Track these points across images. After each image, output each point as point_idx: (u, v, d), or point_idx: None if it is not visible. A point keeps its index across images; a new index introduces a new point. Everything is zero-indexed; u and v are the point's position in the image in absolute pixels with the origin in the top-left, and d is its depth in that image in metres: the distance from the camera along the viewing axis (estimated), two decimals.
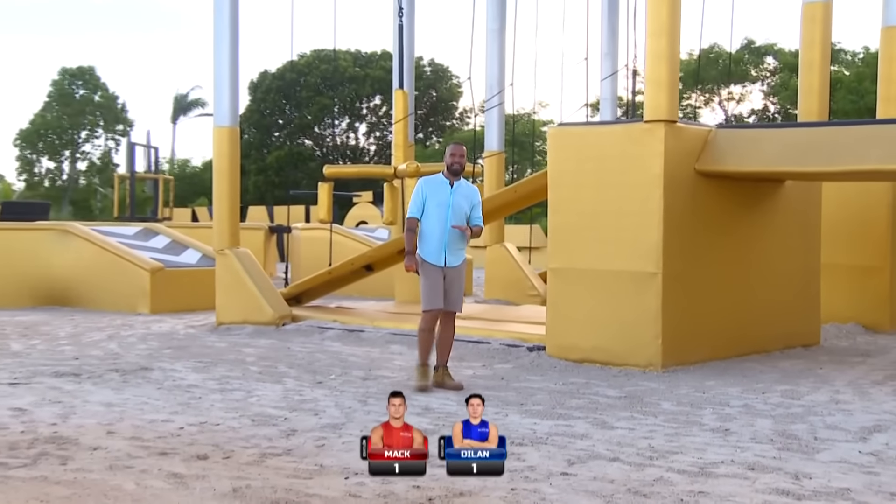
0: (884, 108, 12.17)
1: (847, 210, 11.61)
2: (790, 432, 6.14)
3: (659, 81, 8.78)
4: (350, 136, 54.78)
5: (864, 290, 11.82)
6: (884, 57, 12.26)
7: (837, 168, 8.47)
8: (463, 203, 7.79)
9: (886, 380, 8.40)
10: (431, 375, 7.88)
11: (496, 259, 15.47)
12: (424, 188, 7.84)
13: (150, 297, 14.38)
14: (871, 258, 11.80)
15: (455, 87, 53.58)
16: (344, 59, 51.76)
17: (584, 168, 9.20)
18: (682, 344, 8.91)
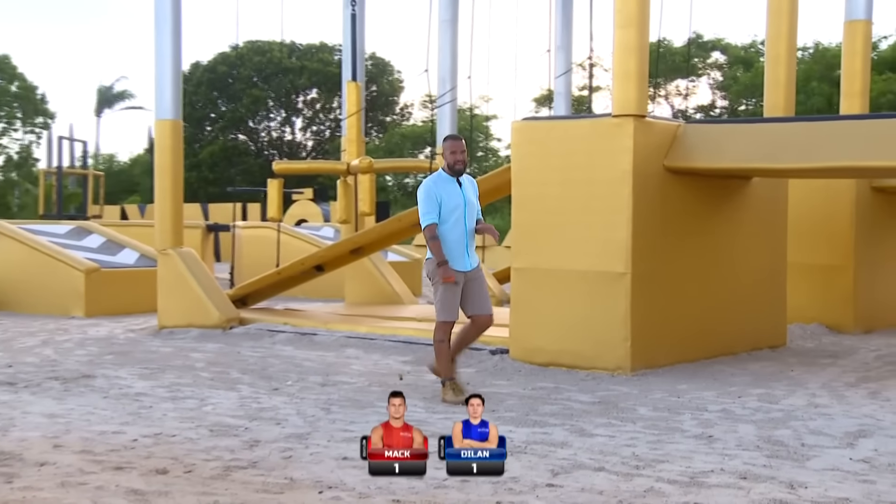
0: (847, 104, 12.30)
1: (810, 208, 11.70)
2: (775, 438, 6.10)
3: (628, 74, 8.72)
4: (286, 130, 54.28)
5: (827, 289, 11.92)
6: (847, 51, 12.40)
7: (812, 165, 8.48)
8: (473, 198, 7.50)
9: (859, 382, 8.43)
10: (464, 387, 7.49)
11: None
12: (436, 190, 7.34)
13: (85, 299, 13.99)
14: (834, 257, 11.89)
15: (397, 81, 53.38)
16: (279, 51, 51.25)
17: (550, 164, 9.11)
18: (650, 346, 8.87)
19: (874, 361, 9.69)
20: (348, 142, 13.55)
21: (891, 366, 9.41)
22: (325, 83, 51.54)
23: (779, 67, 10.57)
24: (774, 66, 10.60)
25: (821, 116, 11.46)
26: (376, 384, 8.23)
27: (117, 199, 46.81)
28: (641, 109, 8.74)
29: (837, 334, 11.76)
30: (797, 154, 8.49)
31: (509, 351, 9.38)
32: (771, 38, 10.65)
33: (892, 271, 12.74)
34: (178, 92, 11.93)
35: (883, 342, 11.15)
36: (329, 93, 52.23)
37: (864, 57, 12.23)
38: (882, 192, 12.41)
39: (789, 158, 8.56)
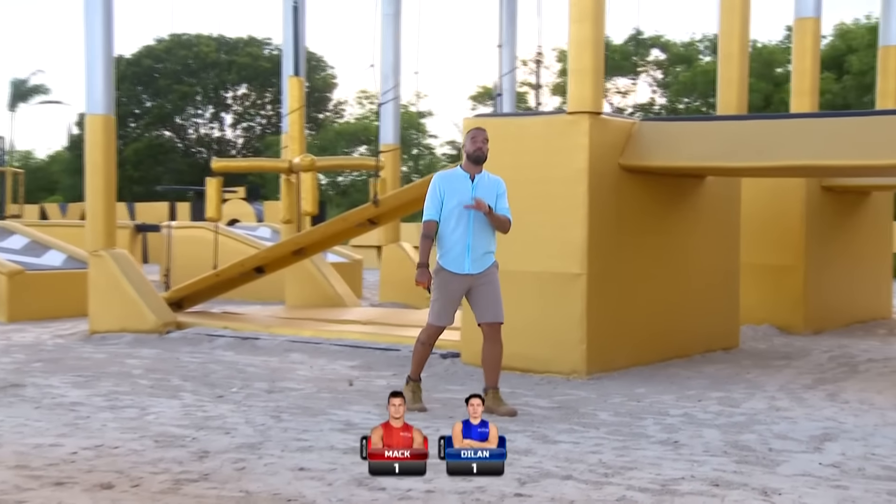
0: (797, 102, 12.45)
1: (760, 207, 11.81)
2: (742, 443, 6.11)
3: (583, 70, 8.70)
4: (215, 127, 53.62)
5: (777, 290, 12.05)
6: (797, 49, 12.55)
7: (770, 163, 8.55)
8: (488, 198, 7.01)
9: (816, 384, 8.52)
10: (422, 394, 7.28)
11: (392, 259, 15.24)
12: (441, 184, 7.01)
13: (8, 303, 13.60)
14: (784, 257, 12.04)
15: (329, 77, 53.04)
16: (206, 45, 50.59)
17: (503, 162, 9.01)
18: (606, 349, 8.87)
19: (828, 363, 9.80)
20: (290, 139, 13.37)
21: (844, 367, 9.53)
22: (255, 78, 51.03)
23: (731, 65, 10.65)
24: (727, 63, 10.68)
25: (778, 115, 11.60)
26: (325, 390, 8.09)
27: (36, 197, 45.77)
28: (597, 106, 8.73)
29: (788, 335, 11.90)
30: (755, 153, 8.54)
31: (461, 355, 9.32)
32: (724, 36, 10.73)
33: (841, 271, 12.94)
34: (110, 85, 11.65)
35: (834, 343, 11.31)
36: (260, 88, 51.73)
37: (814, 55, 12.40)
38: (831, 192, 12.60)
39: (747, 157, 8.61)
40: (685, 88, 36.75)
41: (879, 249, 14.26)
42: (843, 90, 31.95)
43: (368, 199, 11.23)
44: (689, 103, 37.19)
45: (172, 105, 50.64)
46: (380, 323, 11.38)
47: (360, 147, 44.82)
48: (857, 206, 13.41)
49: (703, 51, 39.62)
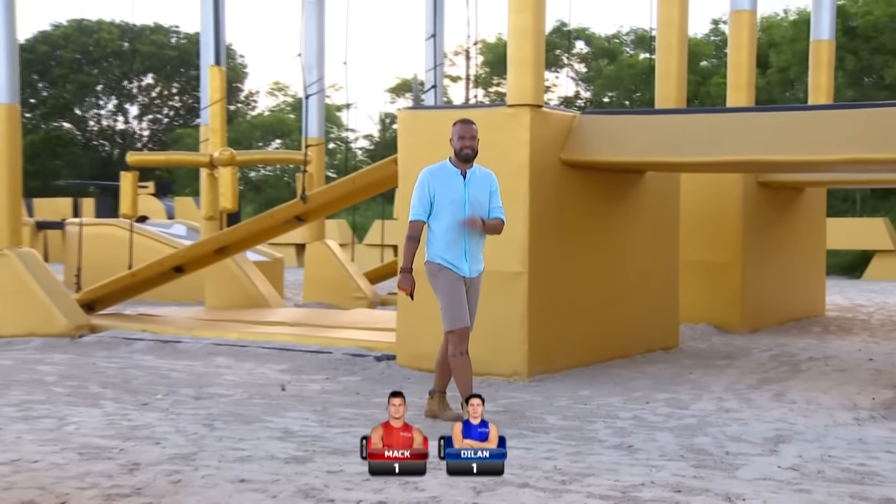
0: (734, 96, 12.62)
1: (697, 203, 11.91)
2: (697, 447, 6.13)
3: (523, 61, 8.67)
4: (119, 119, 52.54)
5: (714, 288, 12.20)
6: (733, 43, 12.71)
7: (715, 158, 8.61)
8: (481, 195, 6.72)
9: (761, 384, 8.62)
10: (450, 405, 7.02)
11: (316, 258, 15.08)
12: (431, 182, 6.69)
13: None
14: (721, 254, 12.18)
15: (240, 66, 52.36)
16: (108, 32, 49.53)
17: (440, 156, 8.79)
18: (548, 350, 8.86)
19: (770, 362, 9.94)
20: (211, 131, 13.11)
21: (786, 366, 9.68)
22: (161, 68, 50.14)
23: (670, 56, 10.73)
24: (666, 55, 10.75)
25: (722, 108, 11.71)
26: (257, 396, 7.94)
27: None
28: (538, 99, 8.71)
29: (726, 334, 12.06)
30: (700, 147, 8.61)
31: (396, 357, 9.23)
32: (662, 27, 10.80)
33: (777, 269, 13.15)
34: (14, 73, 11.32)
35: (772, 342, 11.48)
36: (167, 79, 50.85)
37: (750, 48, 12.57)
38: (767, 188, 12.80)
39: (692, 151, 8.67)
40: (610, 82, 37.12)
41: (813, 246, 14.55)
42: (768, 85, 32.55)
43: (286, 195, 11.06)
44: (614, 98, 37.57)
45: (71, 95, 49.44)
46: (308, 324, 11.23)
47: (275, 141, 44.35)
48: (792, 203, 13.65)
49: (628, 44, 40.07)
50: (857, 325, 13.52)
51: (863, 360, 10.08)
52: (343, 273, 14.80)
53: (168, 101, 51.87)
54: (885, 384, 8.67)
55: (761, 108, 9.69)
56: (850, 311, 15.64)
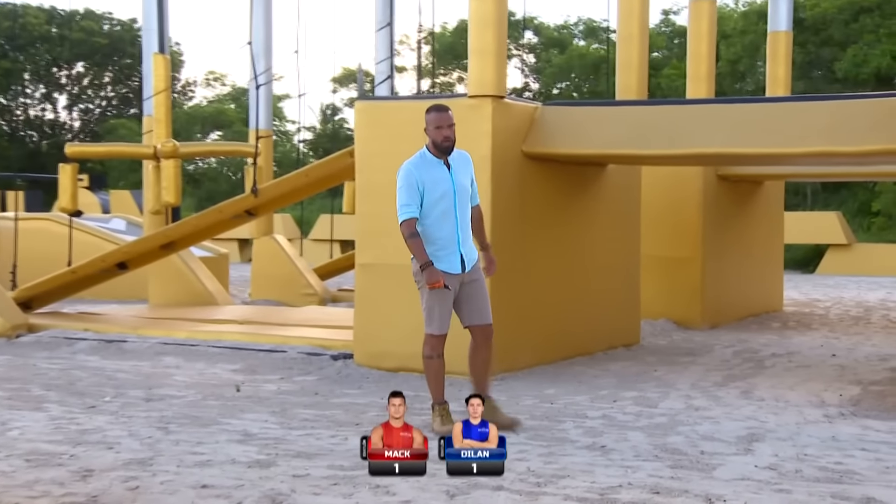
0: (693, 88, 12.68)
1: (656, 197, 11.95)
2: (670, 446, 6.13)
3: (485, 51, 8.62)
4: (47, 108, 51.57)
5: (674, 283, 12.25)
6: (692, 33, 12.77)
7: (681, 151, 8.64)
8: (465, 182, 6.50)
9: (727, 381, 8.67)
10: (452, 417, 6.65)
11: (264, 253, 14.92)
12: (419, 176, 6.38)
13: None
14: (681, 249, 12.24)
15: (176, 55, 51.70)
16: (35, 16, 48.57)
17: (399, 149, 8.84)
18: (511, 348, 8.82)
19: (733, 358, 10.01)
20: (156, 122, 12.89)
21: (750, 363, 9.74)
22: (91, 56, 49.29)
23: (631, 47, 10.74)
24: (627, 45, 10.77)
25: (689, 100, 11.75)
26: (211, 397, 7.81)
27: None
28: (500, 90, 8.67)
29: (686, 330, 12.12)
30: (665, 139, 8.62)
31: (353, 356, 9.15)
32: (622, 17, 10.81)
33: (736, 264, 13.26)
34: None
35: (734, 338, 11.57)
36: (98, 67, 50.02)
37: (710, 39, 12.65)
38: (726, 181, 12.88)
39: (657, 144, 8.68)
40: (560, 73, 37.23)
41: (771, 241, 14.69)
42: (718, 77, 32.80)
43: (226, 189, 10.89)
44: (564, 89, 37.69)
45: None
46: (259, 322, 11.10)
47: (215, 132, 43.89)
48: (751, 196, 13.77)
49: (578, 34, 40.23)
50: (815, 321, 13.68)
51: (826, 356, 10.18)
52: (292, 269, 14.66)
53: (100, 90, 51.03)
54: (850, 380, 8.76)
55: (727, 100, 9.71)
56: (807, 305, 15.82)
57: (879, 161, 9.53)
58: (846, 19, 31.39)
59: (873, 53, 30.23)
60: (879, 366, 9.61)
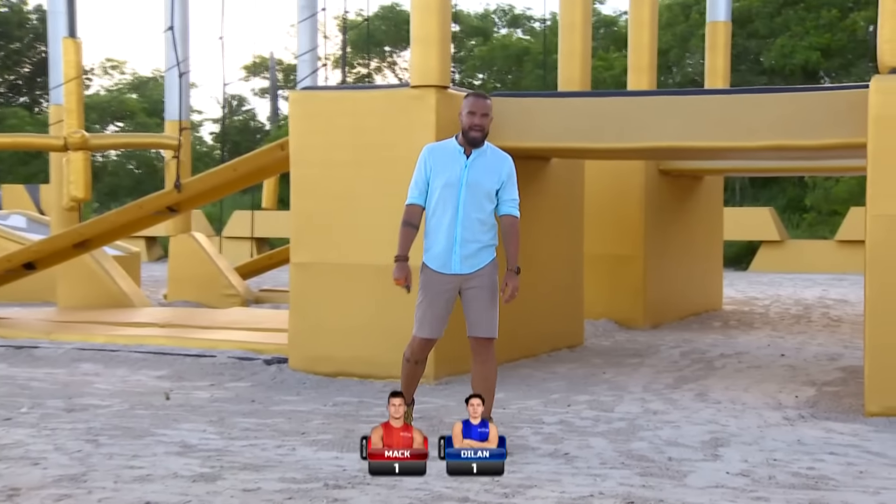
0: (635, 79, 12.73)
1: (597, 192, 11.95)
2: (635, 453, 6.11)
3: (428, 39, 8.54)
4: None
5: (616, 282, 12.28)
6: (634, 22, 12.82)
7: (631, 144, 8.64)
8: (484, 180, 6.08)
9: (679, 383, 8.70)
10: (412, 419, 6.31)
11: (182, 252, 14.61)
12: (429, 159, 6.12)
13: None
14: (623, 246, 12.28)
15: None
16: None
17: (337, 142, 8.79)
18: (455, 350, 8.70)
19: (682, 360, 10.06)
20: (66, 112, 12.53)
21: (700, 364, 9.80)
22: None
23: (574, 36, 10.73)
24: (569, 34, 10.75)
25: (639, 91, 11.78)
26: (140, 406, 7.59)
27: None
28: (444, 80, 8.59)
29: (628, 330, 12.17)
30: (616, 132, 8.61)
31: (288, 360, 8.99)
32: (564, 4, 10.80)
33: (678, 261, 13.36)
34: None
35: (678, 338, 11.64)
36: None
37: (651, 28, 12.70)
38: (667, 175, 12.97)
39: (608, 137, 8.67)
40: (482, 63, 37.27)
41: (711, 237, 14.84)
42: None
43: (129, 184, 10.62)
44: (486, 79, 37.76)
45: None
46: (182, 325, 10.85)
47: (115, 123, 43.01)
48: (691, 191, 13.89)
49: (500, 23, 40.33)
50: (756, 319, 13.84)
51: (774, 356, 10.29)
52: (212, 269, 14.39)
53: None
54: (802, 381, 8.85)
55: (680, 92, 9.80)
56: (745, 304, 16.02)
57: (835, 155, 9.66)
58: (771, 12, 31.95)
59: (801, 45, 30.82)
60: (829, 366, 9.74)
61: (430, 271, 6.14)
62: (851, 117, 7.78)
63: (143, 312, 12.21)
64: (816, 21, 31.72)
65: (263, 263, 16.35)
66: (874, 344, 7.32)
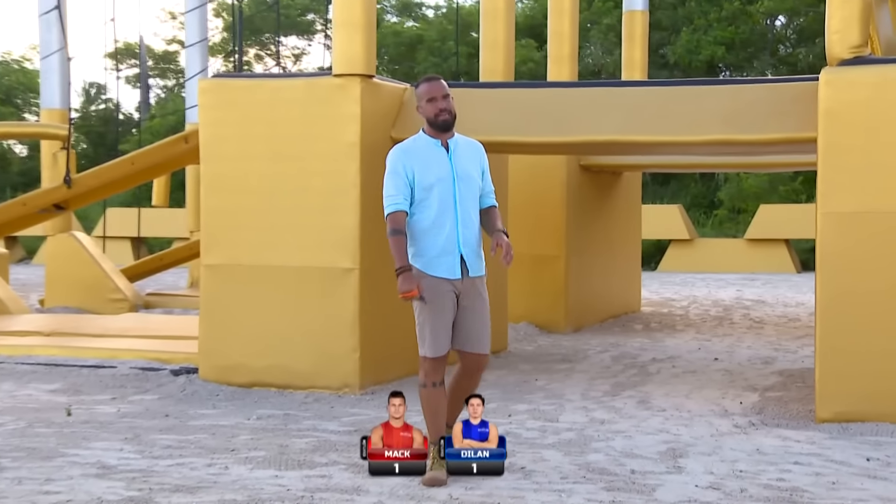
0: (555, 70, 12.75)
1: (518, 189, 11.91)
2: (595, 466, 6.07)
3: (352, 23, 8.42)
4: None
5: (537, 284, 12.28)
6: (553, 10, 12.84)
7: (569, 138, 8.61)
8: (471, 169, 5.87)
9: (617, 390, 8.73)
10: None
11: (62, 253, 14.12)
12: (406, 162, 5.79)
13: None
14: (545, 246, 12.28)
15: None
16: None
17: (253, 134, 8.60)
18: (381, 358, 8.66)
19: (614, 365, 10.10)
20: None
21: (633, 369, 9.85)
22: None
23: (497, 24, 10.69)
24: (492, 22, 10.71)
25: (578, 82, 11.77)
26: (39, 423, 7.29)
27: None
28: (369, 68, 8.47)
29: (550, 334, 12.19)
30: (553, 125, 8.57)
31: (199, 370, 8.77)
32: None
33: (599, 262, 13.42)
34: None
35: (603, 342, 11.70)
36: None
37: (573, 16, 12.73)
38: (588, 171, 13.02)
39: (544, 131, 8.62)
40: None
41: (629, 236, 14.97)
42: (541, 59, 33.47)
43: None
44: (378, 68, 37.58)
45: None
46: (72, 333, 10.48)
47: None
48: (611, 188, 13.98)
49: (390, 10, 40.22)
50: (677, 322, 14.00)
51: (708, 360, 10.40)
52: (97, 271, 13.96)
53: None
54: (743, 386, 8.95)
55: (621, 83, 9.80)
56: (663, 305, 16.20)
57: (779, 151, 9.78)
58: (674, 3, 32.51)
59: (706, 40, 31.41)
60: (766, 370, 9.88)
61: (431, 278, 5.81)
62: (797, 111, 7.89)
63: (24, 320, 11.74)
64: (719, 13, 32.37)
65: (153, 265, 15.96)
66: (825, 348, 7.41)
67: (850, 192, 7.35)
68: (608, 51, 33.77)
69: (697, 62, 31.00)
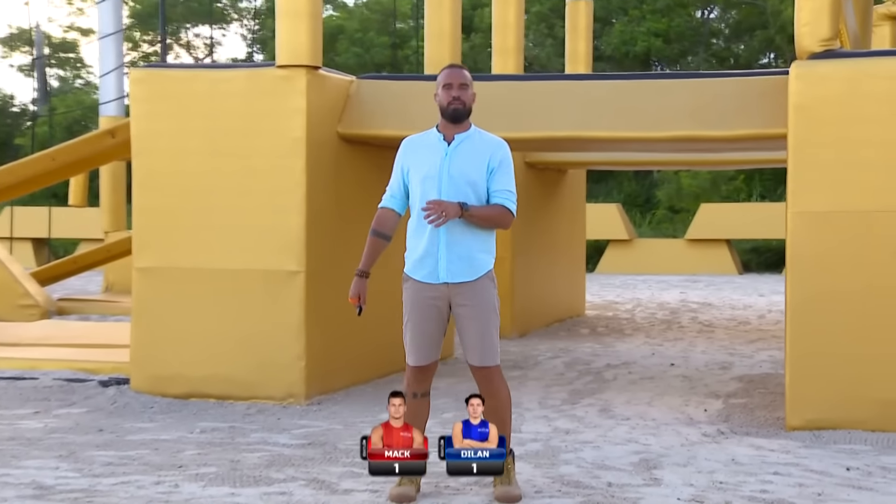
0: (500, 62, 12.73)
1: None
2: (569, 478, 6.04)
3: (297, 12, 8.32)
4: None
5: None
6: (497, 1, 12.82)
7: (525, 134, 8.59)
8: (469, 169, 5.63)
9: (575, 398, 8.74)
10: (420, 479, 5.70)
11: None
12: (404, 155, 5.76)
13: None
14: None
15: None
16: None
17: (189, 128, 8.46)
18: (327, 366, 8.58)
19: (567, 371, 10.12)
20: None
21: (588, 376, 9.87)
22: None
23: (442, 14, 10.66)
24: (437, 12, 10.66)
25: (534, 75, 11.77)
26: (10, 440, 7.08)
27: None
28: (315, 59, 8.38)
29: None
30: (505, 120, 8.51)
31: (130, 381, 8.60)
32: None
33: (545, 263, 13.44)
34: None
35: (553, 347, 11.72)
36: None
37: (518, 6, 12.72)
38: (533, 168, 13.03)
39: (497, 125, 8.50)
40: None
41: (574, 237, 15.02)
42: (472, 50, 33.50)
43: None
44: None
45: None
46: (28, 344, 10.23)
47: None
48: (556, 186, 14.01)
49: None
50: (625, 326, 14.08)
51: (664, 366, 10.46)
52: (5, 275, 13.63)
53: None
54: (704, 393, 9.01)
55: (576, 77, 9.79)
56: (607, 308, 16.29)
57: (746, 147, 9.86)
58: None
59: (640, 31, 31.72)
60: (724, 375, 9.96)
61: (413, 282, 5.73)
62: (766, 106, 7.95)
63: None
64: (654, 4, 32.72)
65: (66, 268, 15.64)
66: (796, 353, 7.45)
67: (821, 190, 7.40)
68: (539, 42, 33.95)
69: (634, 53, 31.28)
